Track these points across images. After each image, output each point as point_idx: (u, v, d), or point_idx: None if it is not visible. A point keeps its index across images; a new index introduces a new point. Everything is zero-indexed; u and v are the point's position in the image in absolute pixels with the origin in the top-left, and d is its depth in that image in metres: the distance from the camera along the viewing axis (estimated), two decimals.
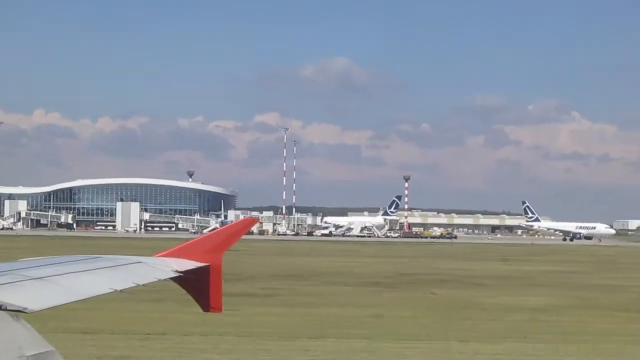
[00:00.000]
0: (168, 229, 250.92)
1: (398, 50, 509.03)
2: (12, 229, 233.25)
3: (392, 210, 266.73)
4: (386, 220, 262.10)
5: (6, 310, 5.86)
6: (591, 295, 59.21)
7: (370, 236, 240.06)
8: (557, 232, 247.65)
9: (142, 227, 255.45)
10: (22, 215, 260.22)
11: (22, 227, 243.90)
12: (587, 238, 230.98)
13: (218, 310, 10.49)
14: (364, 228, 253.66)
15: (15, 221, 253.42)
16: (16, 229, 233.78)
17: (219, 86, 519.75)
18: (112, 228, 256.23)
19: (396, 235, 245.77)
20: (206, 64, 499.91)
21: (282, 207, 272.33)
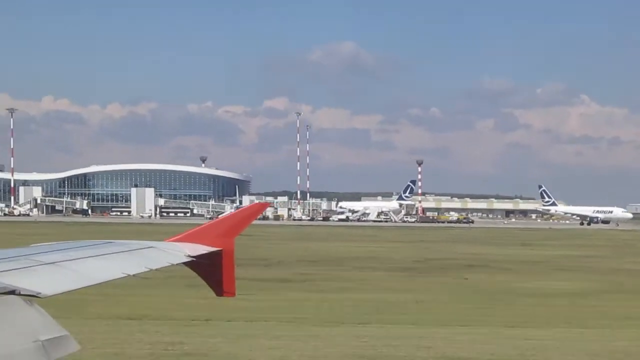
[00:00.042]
0: (183, 215, 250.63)
1: (405, 33, 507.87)
2: (29, 215, 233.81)
3: (407, 194, 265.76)
4: (402, 205, 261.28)
5: (20, 295, 5.82)
6: (619, 279, 59.10)
7: (387, 221, 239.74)
8: (574, 217, 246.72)
9: (157, 213, 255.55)
10: (38, 201, 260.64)
11: (38, 214, 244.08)
12: (604, 222, 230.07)
13: (231, 294, 10.30)
14: (381, 213, 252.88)
15: (31, 207, 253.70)
16: (33, 215, 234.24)
17: (228, 71, 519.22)
18: (127, 214, 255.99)
19: (413, 220, 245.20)
20: (214, 49, 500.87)
21: (297, 192, 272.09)
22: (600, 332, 33.55)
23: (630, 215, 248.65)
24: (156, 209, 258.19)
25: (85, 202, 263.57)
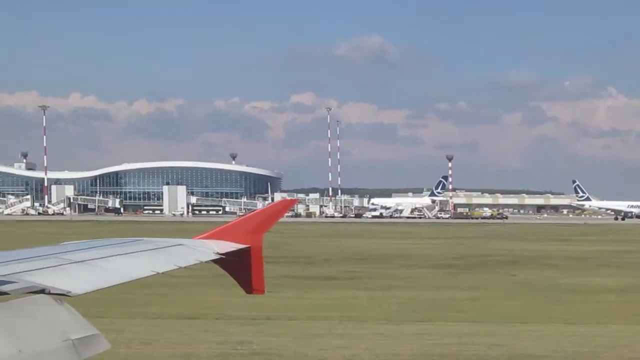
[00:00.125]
0: (215, 213, 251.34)
1: (431, 27, 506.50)
2: (63, 214, 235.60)
3: (439, 190, 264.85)
4: (435, 201, 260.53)
5: (50, 294, 5.87)
6: None
7: (420, 217, 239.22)
8: (608, 211, 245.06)
9: (190, 211, 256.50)
10: (70, 200, 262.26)
11: (71, 212, 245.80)
12: (639, 217, 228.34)
13: (261, 292, 10.27)
14: (415, 209, 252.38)
15: (64, 206, 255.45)
16: (67, 214, 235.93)
17: (253, 67, 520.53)
18: (160, 212, 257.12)
19: (447, 216, 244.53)
20: (240, 45, 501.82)
21: (329, 189, 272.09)
22: None
23: None
24: (188, 207, 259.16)
25: (117, 201, 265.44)
